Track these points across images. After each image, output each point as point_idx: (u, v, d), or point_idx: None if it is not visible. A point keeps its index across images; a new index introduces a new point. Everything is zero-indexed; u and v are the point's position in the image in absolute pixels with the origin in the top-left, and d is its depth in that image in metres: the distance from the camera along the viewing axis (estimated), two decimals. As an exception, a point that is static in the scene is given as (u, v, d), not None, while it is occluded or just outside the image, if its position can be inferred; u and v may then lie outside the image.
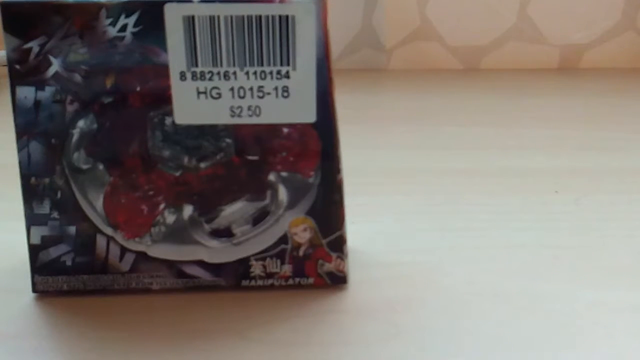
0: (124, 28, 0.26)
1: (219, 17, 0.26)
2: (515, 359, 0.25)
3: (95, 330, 0.27)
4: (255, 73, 0.26)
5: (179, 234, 0.28)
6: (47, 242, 0.28)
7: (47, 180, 0.27)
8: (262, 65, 0.26)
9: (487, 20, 0.69)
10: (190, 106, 0.27)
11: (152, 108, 0.27)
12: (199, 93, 0.27)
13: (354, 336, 0.26)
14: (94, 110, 0.27)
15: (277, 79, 0.27)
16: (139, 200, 0.28)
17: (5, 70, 0.68)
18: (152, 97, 0.27)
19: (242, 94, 0.27)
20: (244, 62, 0.26)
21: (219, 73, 0.26)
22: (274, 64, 0.26)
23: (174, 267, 0.28)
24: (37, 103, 0.27)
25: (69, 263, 0.28)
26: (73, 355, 0.25)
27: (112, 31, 0.26)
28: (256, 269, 0.29)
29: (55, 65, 0.26)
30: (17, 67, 0.26)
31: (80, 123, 0.27)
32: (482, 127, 0.51)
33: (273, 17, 0.26)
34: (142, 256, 0.28)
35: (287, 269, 0.29)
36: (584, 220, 0.35)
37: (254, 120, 0.27)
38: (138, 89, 0.27)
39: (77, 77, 0.26)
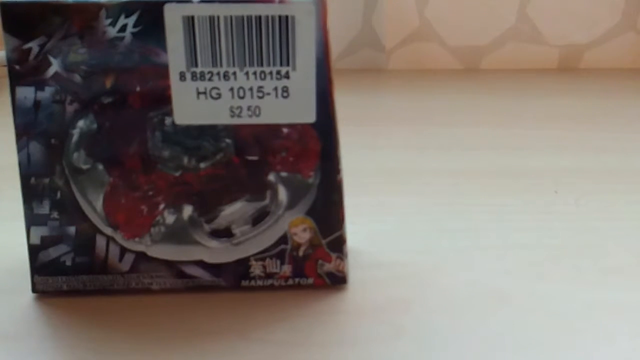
0: (123, 28, 0.26)
1: (218, 17, 0.26)
2: (515, 359, 0.25)
3: (94, 330, 0.27)
4: (255, 73, 0.26)
5: (178, 234, 0.28)
6: (46, 242, 0.28)
7: (46, 180, 0.27)
8: (262, 65, 0.26)
9: (486, 21, 0.69)
10: (190, 106, 0.27)
11: (151, 108, 0.27)
12: (198, 93, 0.27)
13: (354, 336, 0.26)
14: (94, 111, 0.27)
15: (277, 79, 0.27)
16: (139, 201, 0.28)
17: (5, 70, 0.68)
18: (151, 98, 0.27)
19: (241, 94, 0.27)
20: (244, 62, 0.26)
21: (218, 73, 0.26)
22: (274, 64, 0.26)
23: (174, 267, 0.28)
24: (36, 103, 0.27)
25: (68, 263, 0.28)
26: (73, 355, 0.25)
27: (112, 31, 0.26)
28: (256, 269, 0.29)
29: (55, 66, 0.26)
30: (17, 67, 0.26)
31: (80, 123, 0.27)
32: (482, 127, 0.51)
33: (273, 17, 0.26)
34: (141, 256, 0.28)
35: (287, 269, 0.29)
36: (584, 220, 0.35)
37: (254, 120, 0.27)
38: (138, 89, 0.27)
39: (77, 78, 0.26)
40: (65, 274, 0.28)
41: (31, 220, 0.28)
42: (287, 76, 0.26)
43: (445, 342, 0.26)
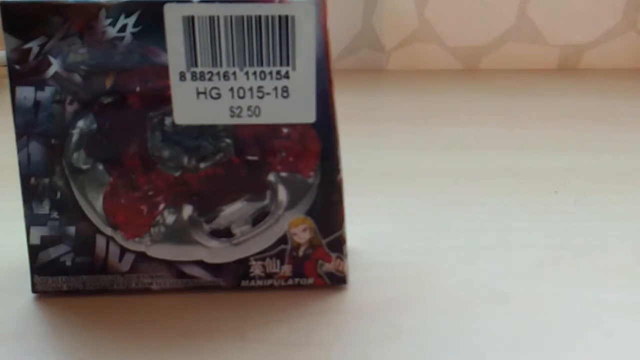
0: (123, 28, 0.26)
1: (218, 17, 0.26)
2: (515, 359, 0.25)
3: (94, 330, 0.27)
4: (255, 73, 0.26)
5: (178, 234, 0.28)
6: (46, 243, 0.28)
7: (46, 180, 0.27)
8: (261, 65, 0.26)
9: (486, 21, 0.69)
10: (189, 106, 0.27)
11: (151, 108, 0.27)
12: (198, 93, 0.27)
13: (354, 336, 0.26)
14: (94, 111, 0.27)
15: (277, 79, 0.27)
16: (139, 201, 0.28)
17: (5, 70, 0.68)
18: (151, 98, 0.27)
19: (241, 94, 0.27)
20: (244, 62, 0.26)
21: (218, 73, 0.26)
22: (274, 64, 0.26)
23: (174, 268, 0.28)
24: (36, 103, 0.27)
25: (68, 263, 0.28)
26: (73, 355, 0.25)
27: (112, 31, 0.26)
28: (256, 269, 0.29)
29: (55, 66, 0.26)
30: (17, 67, 0.26)
31: (80, 123, 0.27)
32: (482, 127, 0.51)
33: (273, 17, 0.26)
34: (141, 256, 0.28)
35: (287, 269, 0.29)
36: (584, 221, 0.35)
37: (254, 120, 0.27)
38: (138, 89, 0.27)
39: (77, 78, 0.26)
40: (65, 274, 0.28)
41: (31, 220, 0.28)
42: (287, 76, 0.27)
43: (445, 342, 0.26)
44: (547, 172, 0.42)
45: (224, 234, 0.28)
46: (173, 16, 0.26)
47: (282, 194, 0.28)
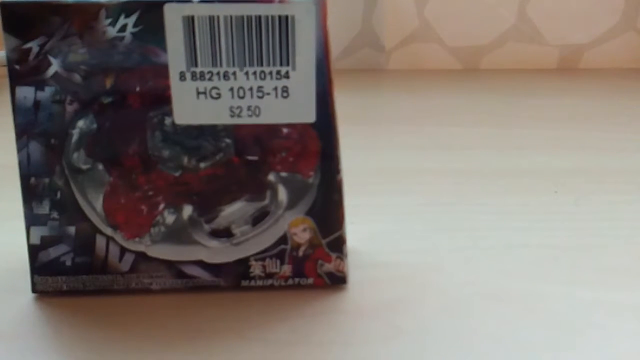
0: (123, 28, 0.26)
1: (218, 17, 0.26)
2: (515, 359, 0.25)
3: (94, 330, 0.27)
4: (254, 73, 0.26)
5: (178, 234, 0.28)
6: (46, 242, 0.28)
7: (46, 180, 0.27)
8: (261, 65, 0.26)
9: (486, 21, 0.69)
10: (189, 106, 0.27)
11: (151, 108, 0.27)
12: (198, 93, 0.27)
13: (354, 336, 0.26)
14: (94, 111, 0.27)
15: (277, 79, 0.27)
16: (139, 201, 0.28)
17: (5, 70, 0.68)
18: (151, 98, 0.27)
19: (241, 94, 0.27)
20: (244, 62, 0.26)
21: (218, 73, 0.26)
22: (274, 64, 0.26)
23: (174, 267, 0.28)
24: (36, 103, 0.27)
25: (68, 263, 0.28)
26: (72, 355, 0.25)
27: (112, 31, 0.26)
28: (256, 269, 0.29)
29: (55, 66, 0.26)
30: (17, 67, 0.26)
31: (80, 123, 0.27)
32: (482, 127, 0.51)
33: (273, 17, 0.26)
34: (141, 256, 0.28)
35: (287, 269, 0.29)
36: (584, 221, 0.35)
37: (254, 120, 0.27)
38: (138, 89, 0.27)
39: (77, 77, 0.26)
40: (65, 274, 0.28)
41: (31, 220, 0.28)
42: (287, 76, 0.27)
43: (445, 342, 0.26)
44: (547, 172, 0.42)
45: (224, 234, 0.28)
46: (173, 16, 0.26)
47: (282, 194, 0.28)
